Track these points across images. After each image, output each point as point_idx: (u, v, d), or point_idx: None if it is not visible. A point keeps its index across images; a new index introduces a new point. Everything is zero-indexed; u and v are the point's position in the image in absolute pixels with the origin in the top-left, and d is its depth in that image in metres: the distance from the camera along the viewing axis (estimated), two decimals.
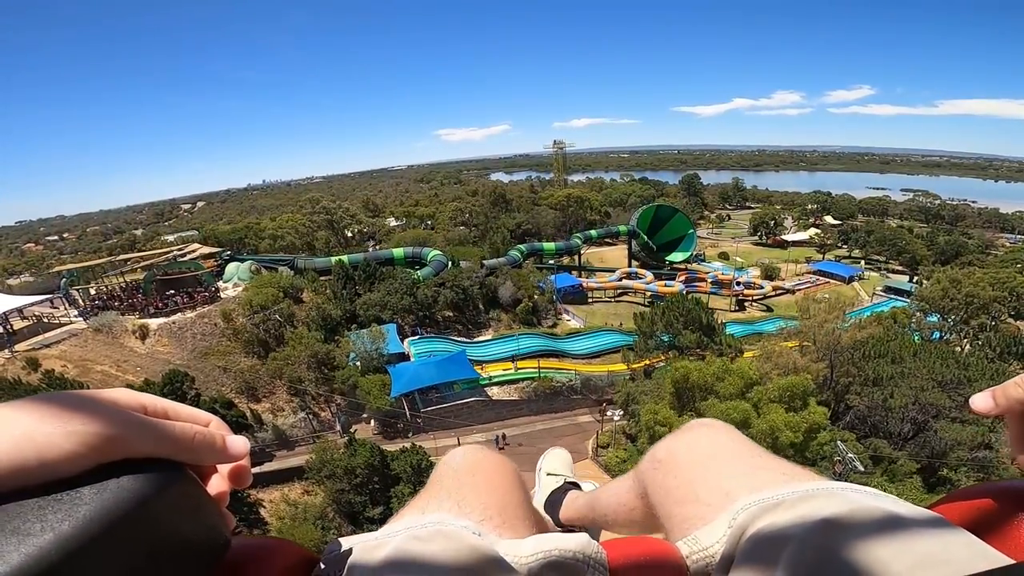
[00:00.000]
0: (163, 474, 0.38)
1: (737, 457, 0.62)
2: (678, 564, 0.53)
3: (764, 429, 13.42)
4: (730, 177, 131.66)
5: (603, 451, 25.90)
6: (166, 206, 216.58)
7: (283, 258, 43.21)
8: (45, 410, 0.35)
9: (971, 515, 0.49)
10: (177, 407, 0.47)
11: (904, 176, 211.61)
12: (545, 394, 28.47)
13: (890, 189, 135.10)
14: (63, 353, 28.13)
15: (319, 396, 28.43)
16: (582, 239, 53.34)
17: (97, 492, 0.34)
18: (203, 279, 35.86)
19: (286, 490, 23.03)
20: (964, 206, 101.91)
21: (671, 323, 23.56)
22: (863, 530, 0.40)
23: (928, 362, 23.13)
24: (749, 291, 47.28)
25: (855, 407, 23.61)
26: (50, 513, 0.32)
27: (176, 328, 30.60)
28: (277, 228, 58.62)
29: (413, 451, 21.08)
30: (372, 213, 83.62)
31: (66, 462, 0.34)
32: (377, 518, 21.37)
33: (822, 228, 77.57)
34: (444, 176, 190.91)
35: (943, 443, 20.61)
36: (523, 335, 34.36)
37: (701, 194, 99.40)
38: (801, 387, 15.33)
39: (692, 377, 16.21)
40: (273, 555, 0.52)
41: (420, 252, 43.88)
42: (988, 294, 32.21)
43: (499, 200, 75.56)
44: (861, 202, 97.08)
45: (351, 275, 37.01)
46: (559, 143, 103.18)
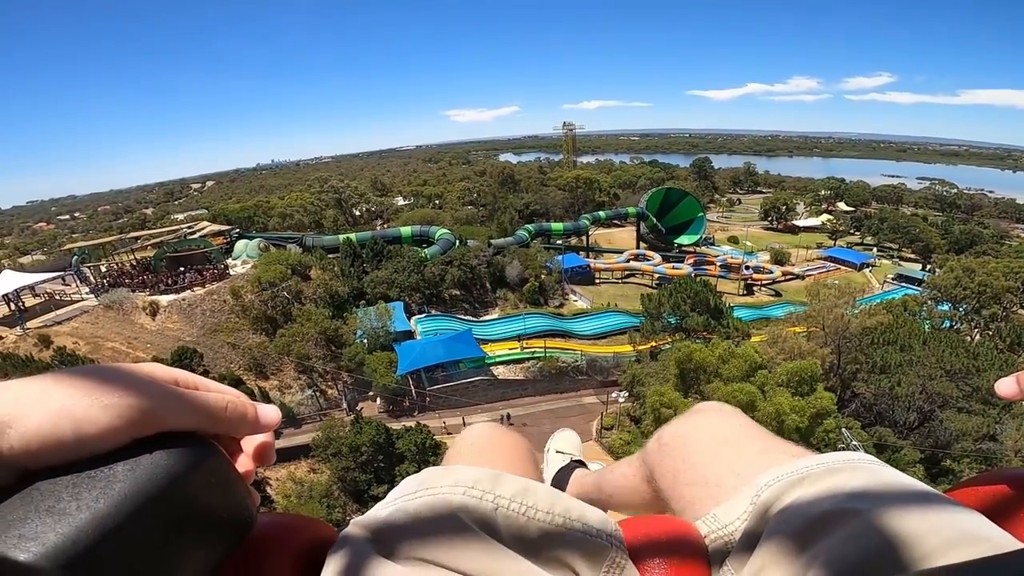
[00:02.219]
0: (195, 450, 0.38)
1: (746, 440, 0.61)
2: (698, 543, 0.52)
3: (770, 412, 13.39)
4: (742, 162, 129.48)
5: (607, 433, 26.08)
6: (176, 185, 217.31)
7: (291, 236, 43.33)
8: (82, 383, 0.34)
9: (984, 501, 0.49)
10: (207, 382, 0.46)
11: (921, 164, 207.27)
12: (550, 374, 28.58)
13: (906, 177, 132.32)
14: (74, 330, 28.46)
15: (326, 373, 28.74)
16: (590, 220, 53.01)
17: (131, 469, 0.34)
18: (212, 256, 36.14)
19: (292, 468, 23.28)
20: (981, 195, 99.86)
21: (678, 305, 23.43)
22: (895, 504, 0.40)
23: (937, 351, 22.93)
24: (758, 275, 46.90)
25: (861, 395, 23.53)
26: (85, 491, 0.32)
27: (186, 305, 30.92)
28: (286, 207, 58.71)
29: (418, 430, 21.29)
30: (380, 192, 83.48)
31: (103, 437, 0.33)
32: (382, 496, 21.72)
33: (834, 214, 76.41)
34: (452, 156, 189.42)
35: (948, 433, 20.54)
36: (529, 314, 34.43)
37: (712, 178, 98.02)
38: (809, 371, 15.23)
39: (695, 358, 16.15)
40: (297, 532, 0.52)
41: (428, 231, 43.87)
42: (1001, 284, 31.72)
43: (507, 180, 75.06)
44: (875, 189, 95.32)
45: (359, 253, 37.10)
46: (569, 124, 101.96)
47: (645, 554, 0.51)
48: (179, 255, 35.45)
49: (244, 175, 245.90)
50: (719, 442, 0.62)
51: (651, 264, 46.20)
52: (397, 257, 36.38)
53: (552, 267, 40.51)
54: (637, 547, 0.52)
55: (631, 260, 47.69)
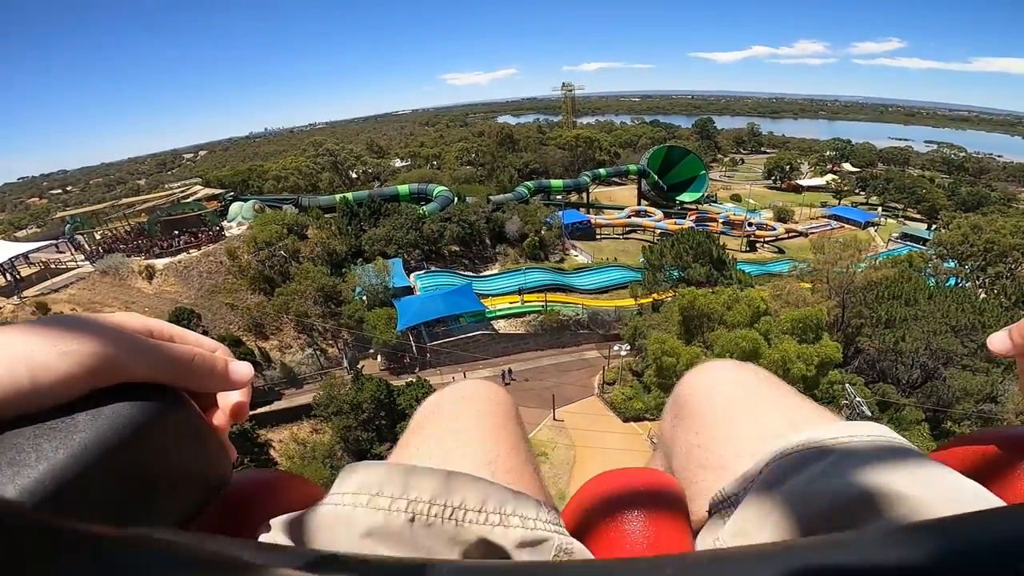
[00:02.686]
0: (161, 401, 0.37)
1: (768, 409, 0.57)
2: (679, 497, 0.52)
3: (776, 359, 13.16)
4: (745, 123, 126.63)
5: (609, 388, 26.12)
6: (168, 156, 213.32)
7: (287, 198, 42.60)
8: (42, 332, 0.33)
9: (974, 461, 0.49)
10: (185, 333, 0.45)
11: (929, 129, 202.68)
12: (552, 328, 28.40)
13: (913, 141, 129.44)
14: (71, 297, 28.16)
15: (326, 332, 28.59)
16: (591, 177, 52.16)
17: (92, 419, 0.33)
18: (207, 218, 35.56)
19: (295, 429, 23.28)
20: (989, 159, 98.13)
21: (680, 256, 23.01)
22: (874, 460, 0.40)
23: (943, 305, 22.66)
24: (761, 232, 46.39)
25: (865, 351, 23.39)
26: (45, 442, 0.31)
27: (182, 267, 30.53)
28: (281, 169, 57.54)
29: (418, 384, 21.20)
30: (377, 155, 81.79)
31: (60, 385, 0.32)
32: (385, 455, 21.81)
33: (839, 174, 75.19)
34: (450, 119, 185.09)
35: (951, 392, 20.44)
36: (530, 269, 34.12)
37: (715, 137, 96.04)
38: (814, 319, 14.94)
39: (699, 304, 15.80)
40: (277, 490, 0.50)
41: (425, 188, 43.11)
42: (1008, 241, 31.31)
43: (506, 140, 73.43)
44: (882, 151, 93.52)
45: (356, 212, 36.48)
46: (568, 85, 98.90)
47: (625, 506, 0.50)
48: (173, 219, 34.85)
49: (237, 143, 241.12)
50: (737, 410, 0.57)
51: (652, 220, 45.59)
52: (395, 215, 35.80)
53: (552, 223, 39.95)
54: (616, 499, 0.51)
55: (632, 216, 47.02)
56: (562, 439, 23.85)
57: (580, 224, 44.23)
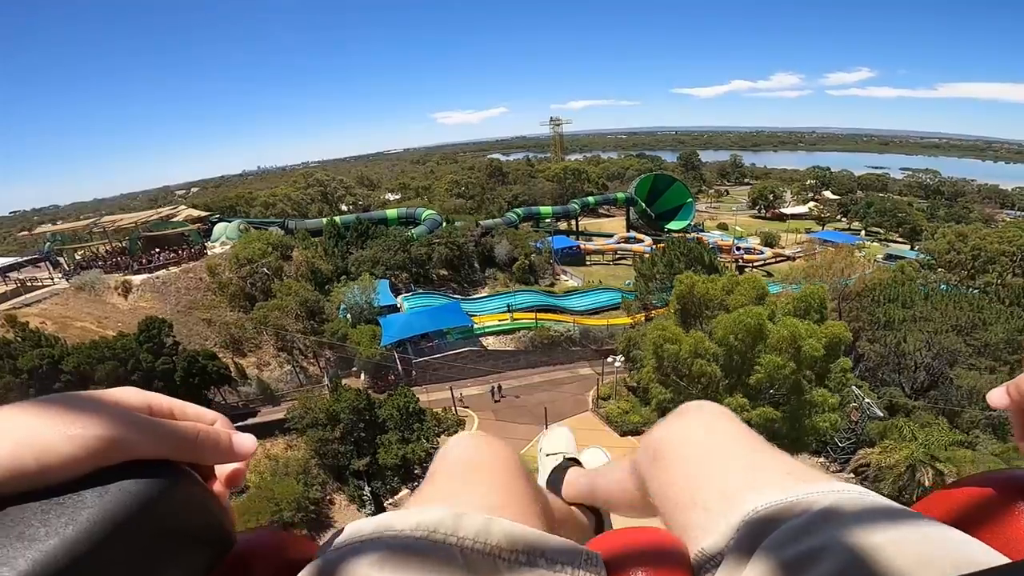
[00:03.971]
0: (165, 477, 0.37)
1: (736, 450, 0.59)
2: (682, 555, 0.52)
3: (784, 336, 12.44)
4: (728, 156, 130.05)
5: (604, 403, 25.12)
6: (160, 192, 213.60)
7: (273, 220, 42.11)
8: (46, 412, 0.34)
9: (961, 508, 0.48)
10: (184, 406, 0.45)
11: (903, 156, 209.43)
12: (543, 344, 27.54)
13: (889, 168, 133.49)
14: (43, 311, 27.43)
15: (307, 349, 27.49)
16: (579, 205, 52.36)
17: (99, 495, 0.33)
18: (189, 237, 34.86)
19: (268, 445, 21.92)
20: (964, 182, 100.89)
21: (672, 263, 22.57)
22: (861, 523, 0.40)
23: (941, 305, 22.33)
24: (750, 256, 46.45)
25: (866, 355, 22.80)
26: (53, 517, 0.31)
27: (160, 283, 29.65)
28: (269, 196, 57.36)
29: (400, 394, 20.05)
30: (368, 187, 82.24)
31: (66, 466, 0.33)
32: (363, 470, 20.38)
33: (821, 202, 76.67)
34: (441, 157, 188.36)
35: (960, 394, 19.82)
36: (520, 292, 33.44)
37: (699, 169, 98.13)
38: (817, 297, 14.39)
39: (698, 290, 15.22)
40: (278, 549, 0.52)
41: (414, 213, 42.90)
42: (995, 247, 31.42)
43: (495, 172, 74.30)
44: (860, 178, 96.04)
45: (343, 234, 35.97)
46: (556, 119, 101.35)
47: (628, 566, 0.50)
48: (154, 235, 34.18)
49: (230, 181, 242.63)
50: (707, 453, 0.59)
51: (642, 245, 45.64)
52: (383, 237, 35.30)
53: (542, 247, 39.65)
54: (620, 559, 0.51)
55: (621, 242, 47.13)
56: None
57: (570, 250, 44.10)
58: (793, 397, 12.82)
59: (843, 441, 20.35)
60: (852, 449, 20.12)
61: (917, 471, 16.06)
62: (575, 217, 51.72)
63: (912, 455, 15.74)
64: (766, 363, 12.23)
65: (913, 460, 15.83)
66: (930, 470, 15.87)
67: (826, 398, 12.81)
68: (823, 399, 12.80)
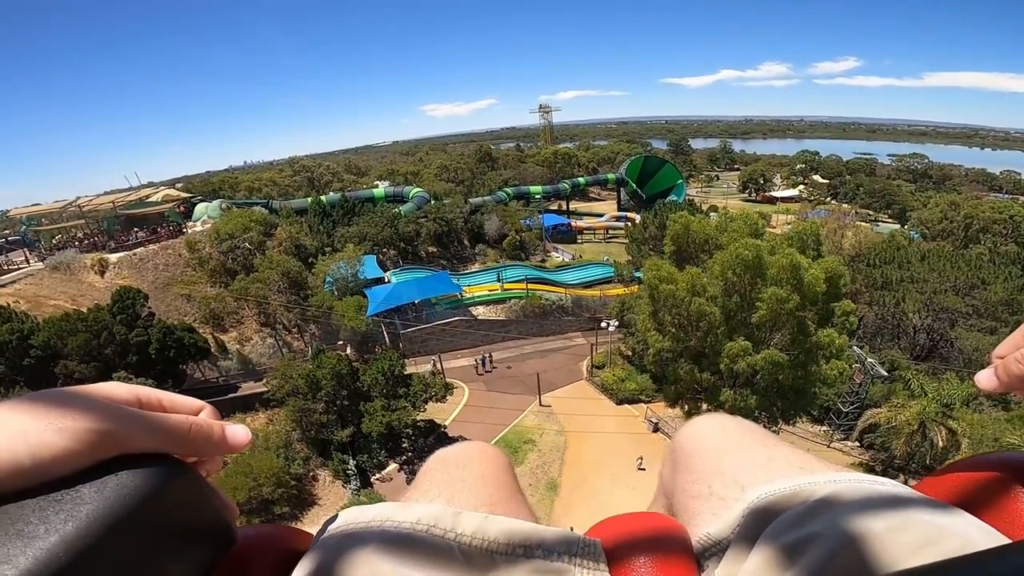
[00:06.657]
0: (163, 469, 0.37)
1: (751, 447, 0.61)
2: (684, 540, 0.53)
3: (784, 266, 11.90)
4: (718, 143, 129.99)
5: (598, 371, 24.62)
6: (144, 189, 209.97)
7: (257, 201, 41.01)
8: (37, 408, 0.34)
9: (966, 488, 0.49)
10: (173, 397, 0.45)
11: (891, 144, 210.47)
12: (534, 313, 26.90)
13: (877, 155, 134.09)
14: (16, 291, 26.72)
15: (291, 324, 26.66)
16: (570, 185, 51.77)
17: (97, 490, 0.33)
18: (169, 216, 33.86)
19: (249, 420, 21.06)
20: (951, 167, 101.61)
21: (665, 224, 22.03)
22: (860, 509, 0.40)
23: (938, 266, 22.00)
24: None
25: (865, 318, 22.41)
26: (52, 514, 0.31)
27: (137, 260, 28.74)
28: (254, 180, 56.12)
29: (384, 357, 19.27)
30: (355, 174, 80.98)
31: (61, 461, 0.33)
32: (347, 442, 19.60)
33: (810, 184, 76.81)
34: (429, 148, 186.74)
35: (963, 358, 19.45)
36: (510, 266, 32.78)
37: (689, 155, 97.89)
38: (812, 233, 13.94)
39: (694, 229, 14.68)
40: (279, 542, 0.52)
41: (402, 190, 42.09)
42: (988, 215, 31.24)
43: (485, 157, 73.38)
44: (848, 162, 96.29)
45: (328, 212, 35.06)
46: (545, 107, 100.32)
47: (630, 552, 0.50)
48: (133, 215, 33.21)
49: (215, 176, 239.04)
50: (723, 450, 0.61)
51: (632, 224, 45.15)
52: (370, 213, 34.43)
53: (532, 224, 38.99)
54: (621, 546, 0.51)
55: (612, 220, 46.63)
56: (551, 425, 22.11)
57: (561, 227, 43.46)
58: (799, 337, 12.33)
59: (847, 406, 19.91)
60: (856, 415, 19.69)
61: (929, 431, 15.37)
62: (565, 197, 51.12)
63: (924, 410, 15.14)
64: (768, 297, 11.70)
65: (925, 416, 15.20)
66: (943, 429, 15.17)
67: (832, 338, 12.33)
68: (829, 339, 12.31)
